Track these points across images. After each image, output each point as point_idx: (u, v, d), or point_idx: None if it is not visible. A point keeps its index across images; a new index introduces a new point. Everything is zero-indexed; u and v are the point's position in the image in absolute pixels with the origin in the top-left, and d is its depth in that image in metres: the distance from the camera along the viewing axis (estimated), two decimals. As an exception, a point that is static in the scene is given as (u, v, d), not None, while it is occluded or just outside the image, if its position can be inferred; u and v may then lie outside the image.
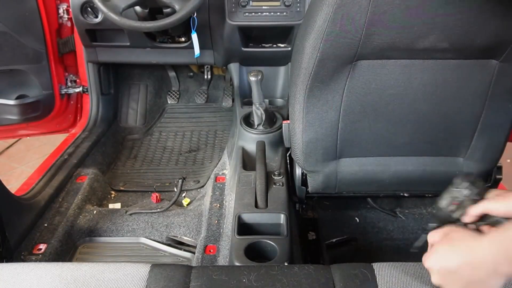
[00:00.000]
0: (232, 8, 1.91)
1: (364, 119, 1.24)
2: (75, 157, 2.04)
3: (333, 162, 1.35)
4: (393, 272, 0.88)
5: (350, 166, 1.36)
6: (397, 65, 1.13)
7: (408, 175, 1.38)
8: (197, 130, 2.53)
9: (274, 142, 1.81)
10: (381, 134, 1.28)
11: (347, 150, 1.33)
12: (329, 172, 1.37)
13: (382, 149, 1.33)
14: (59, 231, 1.62)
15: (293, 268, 0.91)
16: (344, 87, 1.17)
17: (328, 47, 1.06)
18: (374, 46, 1.06)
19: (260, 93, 1.75)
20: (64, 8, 2.18)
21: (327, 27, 1.02)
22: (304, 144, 1.30)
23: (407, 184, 1.43)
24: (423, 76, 1.14)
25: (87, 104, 2.40)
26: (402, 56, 1.11)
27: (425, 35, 1.03)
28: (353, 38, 1.04)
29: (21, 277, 0.88)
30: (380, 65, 1.13)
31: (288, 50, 2.06)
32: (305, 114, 1.23)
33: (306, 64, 1.12)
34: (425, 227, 1.70)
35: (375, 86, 1.16)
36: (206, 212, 1.71)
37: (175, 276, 0.88)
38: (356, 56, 1.10)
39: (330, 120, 1.24)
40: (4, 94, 2.09)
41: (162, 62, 2.31)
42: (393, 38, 1.04)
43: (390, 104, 1.20)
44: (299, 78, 1.17)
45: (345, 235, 1.67)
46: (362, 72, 1.14)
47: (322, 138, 1.28)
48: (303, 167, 1.40)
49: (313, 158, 1.33)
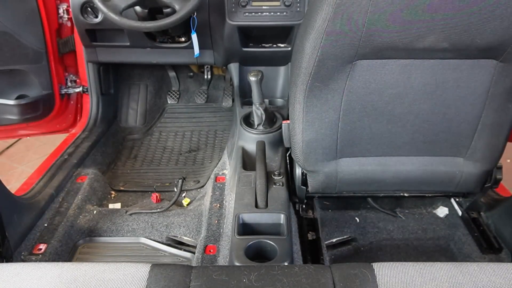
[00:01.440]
0: (232, 8, 1.91)
1: (364, 118, 1.24)
2: (75, 157, 2.04)
3: (333, 162, 1.35)
4: (393, 272, 0.87)
5: (350, 166, 1.36)
6: (397, 64, 1.13)
7: (408, 175, 1.38)
8: (197, 130, 2.53)
9: (274, 142, 1.81)
10: (381, 134, 1.28)
11: (347, 150, 1.33)
12: (329, 172, 1.37)
13: (382, 149, 1.33)
14: (59, 231, 1.62)
15: (293, 268, 0.91)
16: (344, 87, 1.17)
17: (328, 46, 1.06)
18: (374, 46, 1.06)
19: (260, 93, 1.75)
20: (64, 8, 2.18)
21: (327, 26, 1.02)
22: (304, 143, 1.30)
23: (407, 184, 1.43)
24: (423, 76, 1.14)
25: (87, 104, 2.40)
26: (402, 56, 1.11)
27: (424, 35, 1.03)
28: (353, 38, 1.04)
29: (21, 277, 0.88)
30: (380, 64, 1.13)
31: (288, 50, 2.07)
32: (305, 114, 1.23)
33: (306, 64, 1.12)
34: (425, 227, 1.70)
35: (375, 85, 1.17)
36: (206, 212, 1.71)
37: (175, 276, 0.88)
38: (356, 56, 1.10)
39: (330, 119, 1.24)
40: (4, 94, 2.09)
41: (162, 62, 2.31)
42: (392, 38, 1.04)
43: (390, 104, 1.20)
44: (299, 78, 1.17)
45: (345, 235, 1.67)
46: (362, 71, 1.14)
47: (322, 138, 1.28)
48: (303, 167, 1.40)
49: (313, 157, 1.33)
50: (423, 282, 0.85)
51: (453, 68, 1.13)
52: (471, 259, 1.57)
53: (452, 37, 1.04)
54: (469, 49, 1.07)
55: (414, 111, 1.22)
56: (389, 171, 1.37)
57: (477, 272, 0.87)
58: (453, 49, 1.07)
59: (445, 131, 1.28)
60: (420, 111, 1.22)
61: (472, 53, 1.09)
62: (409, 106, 1.21)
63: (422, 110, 1.22)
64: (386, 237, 1.68)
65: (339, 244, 1.65)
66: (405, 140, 1.30)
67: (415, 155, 1.35)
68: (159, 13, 1.87)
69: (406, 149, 1.33)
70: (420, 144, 1.31)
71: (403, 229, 1.70)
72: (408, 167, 1.37)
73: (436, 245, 1.65)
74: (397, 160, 1.36)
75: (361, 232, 1.69)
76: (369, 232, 1.69)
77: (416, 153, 1.35)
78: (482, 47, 1.06)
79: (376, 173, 1.38)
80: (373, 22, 1.01)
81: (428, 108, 1.21)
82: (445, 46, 1.06)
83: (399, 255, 1.62)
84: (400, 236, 1.68)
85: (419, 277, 0.86)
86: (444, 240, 1.66)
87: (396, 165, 1.36)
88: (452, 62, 1.12)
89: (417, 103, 1.20)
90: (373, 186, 1.43)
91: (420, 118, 1.24)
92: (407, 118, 1.24)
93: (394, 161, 1.36)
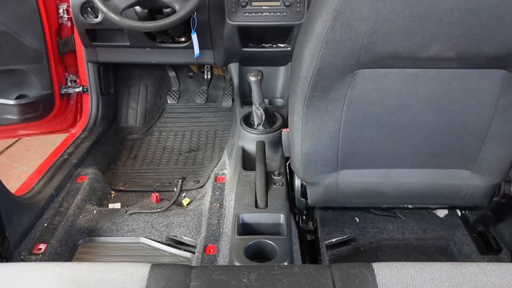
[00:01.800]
0: (232, 8, 1.91)
1: (366, 129, 1.19)
2: (75, 157, 2.04)
3: (334, 174, 1.31)
4: (393, 272, 0.87)
5: (351, 178, 1.31)
6: (401, 74, 1.08)
7: (412, 188, 1.34)
8: (197, 130, 2.53)
9: (274, 142, 1.81)
10: (384, 146, 1.24)
11: (348, 162, 1.28)
12: (330, 184, 1.32)
13: (384, 160, 1.28)
14: (59, 231, 1.62)
15: (293, 268, 0.91)
16: (345, 97, 1.12)
17: (328, 55, 1.01)
18: (376, 55, 1.02)
19: (260, 93, 1.75)
20: (64, 8, 2.18)
21: (326, 34, 0.98)
22: (303, 155, 1.25)
23: (411, 197, 1.38)
24: (427, 85, 1.09)
25: (87, 104, 2.40)
26: (405, 65, 1.06)
27: (430, 43, 0.98)
28: (354, 47, 0.99)
29: (21, 277, 0.88)
30: (382, 74, 1.08)
31: (288, 50, 2.07)
32: (304, 124, 1.18)
33: (305, 73, 1.07)
34: (425, 227, 1.70)
35: (377, 95, 1.12)
36: (206, 212, 1.71)
37: (175, 276, 0.88)
38: (357, 65, 1.05)
39: (330, 130, 1.19)
40: (4, 94, 2.09)
41: (162, 62, 2.31)
42: (396, 46, 0.99)
43: (393, 115, 1.16)
44: (298, 87, 1.12)
45: (344, 235, 1.67)
46: (363, 81, 1.09)
47: (322, 149, 1.23)
48: (303, 179, 1.36)
49: (313, 169, 1.29)
50: (423, 282, 0.85)
51: (460, 78, 1.08)
52: (471, 259, 1.57)
53: (458, 46, 0.99)
54: (476, 58, 1.02)
55: (418, 122, 1.17)
56: (391, 183, 1.33)
57: (477, 272, 0.87)
58: (459, 59, 1.02)
59: (451, 143, 1.23)
60: (425, 122, 1.17)
61: (480, 62, 1.04)
62: (413, 117, 1.16)
63: (426, 121, 1.17)
64: (386, 237, 1.68)
65: (339, 244, 1.64)
66: (409, 152, 1.25)
67: (419, 168, 1.31)
68: (159, 13, 1.87)
69: (409, 161, 1.28)
70: (425, 156, 1.27)
71: (403, 229, 1.70)
72: (411, 180, 1.32)
73: (436, 245, 1.65)
74: (400, 172, 1.31)
75: (361, 232, 1.69)
76: (369, 232, 1.69)
77: (420, 166, 1.30)
78: (490, 56, 1.01)
79: (378, 185, 1.33)
80: (375, 30, 0.96)
81: (433, 119, 1.16)
82: (451, 55, 1.01)
83: (399, 255, 1.61)
84: (400, 236, 1.68)
85: (419, 277, 0.86)
86: (444, 240, 1.66)
87: (399, 178, 1.32)
88: (458, 71, 1.07)
89: (422, 114, 1.15)
90: (375, 198, 1.39)
91: (425, 129, 1.19)
92: (411, 130, 1.19)
93: (397, 174, 1.31)
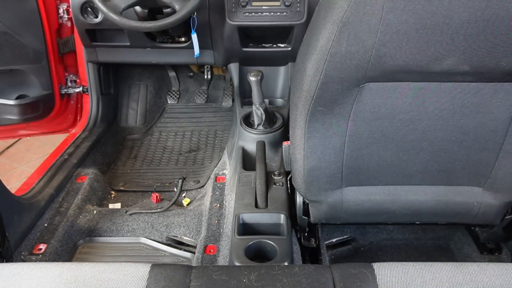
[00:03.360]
0: (232, 8, 1.91)
1: (372, 145, 1.13)
2: (75, 157, 2.04)
3: (338, 191, 1.25)
4: (393, 272, 0.87)
5: (357, 196, 1.26)
6: (410, 88, 1.01)
7: (420, 206, 1.28)
8: (197, 130, 2.53)
9: (274, 142, 1.81)
10: (391, 162, 1.17)
11: (353, 178, 1.22)
12: (333, 202, 1.26)
13: (391, 177, 1.22)
14: (59, 231, 1.62)
15: (293, 268, 0.91)
16: (350, 111, 1.06)
17: (333, 69, 0.95)
18: (385, 69, 0.96)
19: (260, 93, 1.75)
20: (64, 8, 2.19)
21: (331, 47, 0.91)
22: (305, 171, 1.19)
23: (419, 215, 1.32)
24: (439, 100, 1.03)
25: (87, 104, 2.40)
26: (416, 79, 0.99)
27: (443, 57, 0.92)
28: (361, 60, 0.93)
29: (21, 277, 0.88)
30: (391, 88, 1.01)
31: (288, 50, 2.07)
32: (307, 140, 1.12)
33: (308, 87, 1.01)
34: (425, 227, 1.70)
35: (385, 110, 1.06)
36: (206, 212, 1.71)
37: (176, 276, 0.88)
38: (364, 79, 0.98)
39: (334, 146, 1.13)
40: (4, 94, 2.09)
41: (162, 62, 2.31)
42: (406, 60, 0.93)
43: (401, 130, 1.10)
44: (300, 101, 1.06)
45: (345, 235, 1.66)
46: (370, 95, 1.02)
47: (326, 166, 1.17)
48: (305, 197, 1.29)
49: (316, 187, 1.22)
50: (423, 282, 0.85)
51: (473, 92, 1.01)
52: (471, 259, 1.57)
53: (474, 60, 0.92)
54: (492, 72, 0.96)
55: (428, 138, 1.11)
56: (399, 201, 1.26)
57: (477, 272, 0.87)
58: (474, 72, 0.96)
59: (463, 159, 1.16)
60: (435, 138, 1.10)
61: (496, 76, 0.97)
62: (423, 132, 1.09)
63: (437, 137, 1.10)
64: (386, 237, 1.67)
65: (339, 244, 1.64)
66: (418, 169, 1.19)
67: (429, 184, 1.24)
68: (159, 13, 1.87)
69: (418, 178, 1.22)
70: (435, 172, 1.20)
71: (403, 229, 1.70)
72: (420, 197, 1.25)
73: (436, 245, 1.65)
74: (408, 189, 1.25)
75: (361, 232, 1.69)
76: (369, 232, 1.69)
77: (430, 182, 1.23)
78: (507, 70, 0.95)
79: (385, 203, 1.27)
80: (384, 43, 0.90)
81: (444, 135, 1.10)
82: (466, 69, 0.95)
83: (399, 255, 1.61)
84: (400, 236, 1.68)
85: (419, 277, 0.86)
86: (444, 240, 1.66)
87: (407, 195, 1.25)
88: (472, 85, 1.00)
89: (432, 130, 1.09)
90: (381, 217, 1.33)
91: (435, 145, 1.12)
92: (420, 146, 1.12)
93: (405, 191, 1.25)
